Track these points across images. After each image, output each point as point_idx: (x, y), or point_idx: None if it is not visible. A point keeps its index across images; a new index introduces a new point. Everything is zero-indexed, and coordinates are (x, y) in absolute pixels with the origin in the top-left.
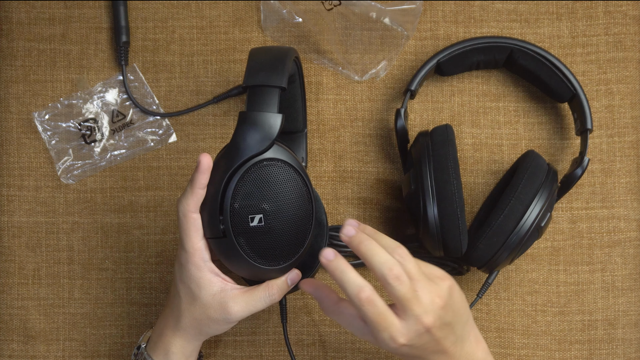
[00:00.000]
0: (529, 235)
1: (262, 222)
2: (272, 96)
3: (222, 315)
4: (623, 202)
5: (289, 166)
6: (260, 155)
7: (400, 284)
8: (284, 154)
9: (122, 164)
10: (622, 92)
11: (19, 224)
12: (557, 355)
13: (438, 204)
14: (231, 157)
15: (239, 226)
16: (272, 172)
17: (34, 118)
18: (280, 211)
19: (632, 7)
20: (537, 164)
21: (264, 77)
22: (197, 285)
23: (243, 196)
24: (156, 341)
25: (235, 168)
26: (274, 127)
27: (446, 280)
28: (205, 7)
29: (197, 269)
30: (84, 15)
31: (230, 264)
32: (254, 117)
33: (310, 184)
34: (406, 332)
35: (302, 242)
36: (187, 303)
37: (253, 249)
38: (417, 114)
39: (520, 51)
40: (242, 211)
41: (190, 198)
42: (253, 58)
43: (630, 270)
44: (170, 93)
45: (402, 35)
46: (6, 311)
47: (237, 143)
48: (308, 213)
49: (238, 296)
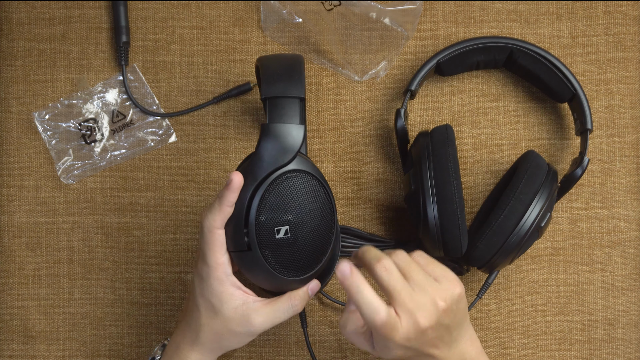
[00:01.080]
0: (529, 235)
1: (287, 234)
2: (293, 107)
3: (245, 328)
4: (623, 202)
5: (313, 177)
6: (284, 167)
7: (388, 274)
8: (307, 165)
9: (122, 164)
10: (622, 92)
11: (19, 224)
12: (557, 355)
13: (438, 204)
14: (255, 170)
15: (264, 239)
16: (297, 184)
17: (34, 118)
18: (305, 222)
19: (632, 7)
20: (537, 164)
21: (282, 88)
22: (219, 299)
23: (269, 209)
24: (172, 355)
25: (260, 181)
26: (297, 139)
27: (457, 287)
28: (205, 7)
29: (220, 283)
30: (84, 15)
31: (253, 276)
32: (277, 129)
33: (332, 193)
34: (402, 331)
35: (325, 251)
36: (208, 317)
37: (277, 261)
38: (417, 114)
39: (520, 51)
40: (268, 224)
41: (217, 214)
42: (266, 68)
43: (630, 271)
44: (170, 93)
45: (402, 36)
46: (6, 311)
47: (262, 156)
48: (330, 223)
49: (260, 308)
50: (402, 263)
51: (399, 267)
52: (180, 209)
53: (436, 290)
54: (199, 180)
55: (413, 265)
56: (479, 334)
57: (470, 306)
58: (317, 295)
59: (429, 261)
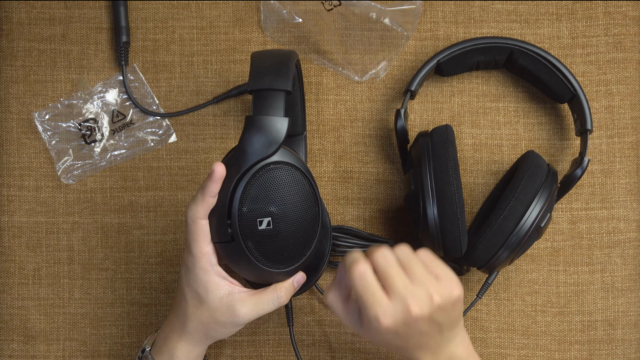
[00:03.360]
0: (528, 235)
1: (270, 225)
2: (278, 100)
3: (230, 318)
4: (623, 203)
5: (296, 169)
6: (267, 159)
7: (385, 260)
8: (291, 157)
9: (122, 164)
10: (621, 93)
11: (19, 224)
12: (557, 355)
13: (438, 205)
14: (239, 161)
15: (247, 230)
16: (279, 176)
17: (34, 118)
18: (287, 214)
19: (632, 7)
20: (537, 164)
21: (269, 80)
22: (205, 289)
23: (251, 200)
24: (161, 345)
25: (242, 172)
26: (281, 131)
27: (456, 288)
28: (205, 7)
29: (205, 272)
30: (84, 15)
31: (237, 268)
32: (261, 121)
33: (317, 186)
34: (392, 313)
35: (309, 244)
36: (194, 307)
37: (261, 252)
38: (417, 115)
39: (521, 52)
40: (250, 215)
41: (200, 205)
42: (256, 62)
43: (629, 271)
44: (170, 93)
45: (402, 36)
46: (6, 311)
47: (245, 147)
48: (314, 215)
49: (246, 299)
50: (404, 256)
51: (401, 260)
52: (180, 209)
53: (434, 285)
54: (199, 180)
55: (415, 260)
56: (479, 334)
57: (470, 306)
58: (315, 294)
59: (433, 260)
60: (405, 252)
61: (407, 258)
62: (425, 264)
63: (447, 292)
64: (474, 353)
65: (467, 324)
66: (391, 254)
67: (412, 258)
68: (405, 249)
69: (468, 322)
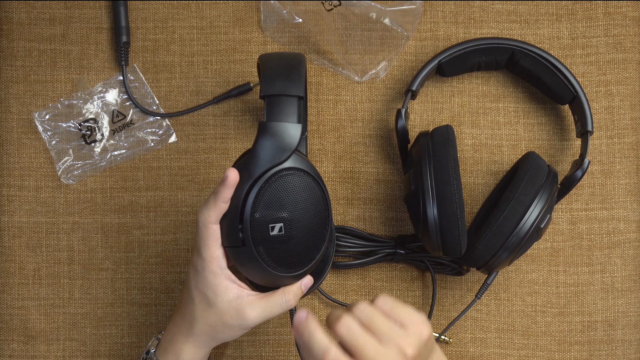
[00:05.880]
0: (528, 236)
1: (282, 231)
2: (292, 106)
3: (238, 321)
4: (623, 204)
5: (309, 175)
6: (280, 164)
7: (348, 330)
8: (303, 163)
9: (122, 164)
10: (621, 94)
11: (19, 224)
12: (557, 356)
13: (438, 205)
14: (252, 167)
15: (258, 235)
16: (292, 182)
17: (34, 118)
18: (299, 220)
19: (632, 8)
20: (537, 165)
21: (281, 86)
22: (214, 292)
23: (264, 206)
24: (166, 347)
25: (256, 178)
26: (294, 137)
27: (424, 329)
28: (205, 7)
29: (214, 276)
30: (84, 15)
31: (247, 272)
32: (275, 127)
33: (327, 191)
34: None
35: (318, 249)
36: (202, 309)
37: (271, 257)
38: (417, 115)
39: (522, 53)
40: (263, 221)
41: (212, 210)
42: (266, 66)
43: (629, 272)
44: (170, 93)
45: (402, 36)
46: (6, 311)
47: (258, 153)
48: (324, 220)
49: (254, 302)
50: (364, 316)
51: (362, 321)
52: (180, 209)
53: (403, 338)
54: (199, 181)
55: (376, 316)
56: (479, 335)
57: (469, 306)
58: (317, 295)
59: (393, 306)
60: (364, 312)
61: (367, 317)
62: (387, 314)
63: (417, 340)
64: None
65: (467, 324)
66: (352, 320)
67: (372, 314)
68: (363, 307)
69: (468, 322)
